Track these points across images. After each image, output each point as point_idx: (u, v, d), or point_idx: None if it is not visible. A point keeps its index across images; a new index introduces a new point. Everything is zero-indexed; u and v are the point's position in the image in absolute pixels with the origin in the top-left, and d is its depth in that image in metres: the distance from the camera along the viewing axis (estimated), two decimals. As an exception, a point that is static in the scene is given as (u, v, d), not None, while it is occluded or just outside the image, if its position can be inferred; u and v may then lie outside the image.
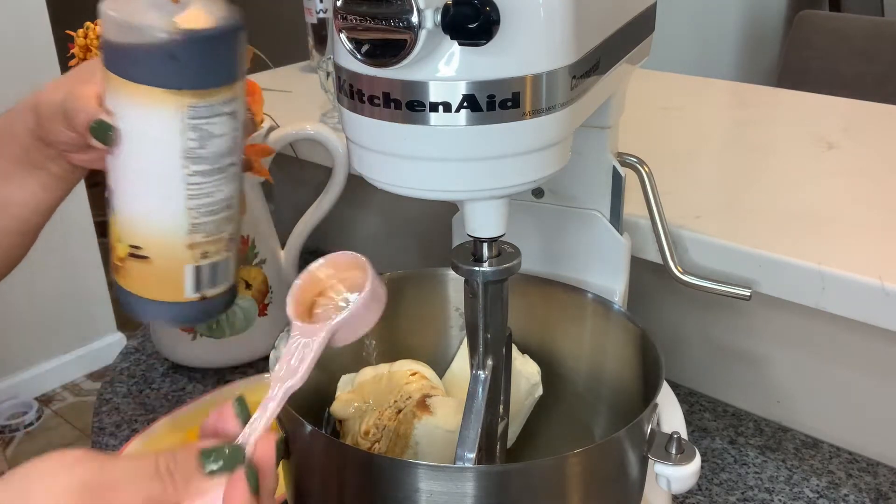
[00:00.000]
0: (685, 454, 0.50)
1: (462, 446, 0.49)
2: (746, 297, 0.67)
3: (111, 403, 0.84)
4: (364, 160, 0.48)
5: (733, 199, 0.82)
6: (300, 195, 1.14)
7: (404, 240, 1.08)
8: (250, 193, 0.83)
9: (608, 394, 0.64)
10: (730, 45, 2.70)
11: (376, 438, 0.60)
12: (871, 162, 0.88)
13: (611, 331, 0.63)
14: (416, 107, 0.43)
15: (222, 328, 0.84)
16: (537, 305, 0.66)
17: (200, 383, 0.86)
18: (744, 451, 0.76)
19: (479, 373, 0.52)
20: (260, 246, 0.85)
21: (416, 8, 0.39)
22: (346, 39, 0.42)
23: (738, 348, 0.80)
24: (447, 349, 0.70)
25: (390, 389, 0.62)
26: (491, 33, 0.40)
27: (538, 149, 0.45)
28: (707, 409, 0.82)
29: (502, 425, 0.58)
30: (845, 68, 1.78)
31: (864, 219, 0.76)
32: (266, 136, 0.84)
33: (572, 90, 0.45)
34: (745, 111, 1.09)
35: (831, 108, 1.08)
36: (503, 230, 0.50)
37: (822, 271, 0.67)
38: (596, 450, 0.51)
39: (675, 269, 0.70)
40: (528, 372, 0.65)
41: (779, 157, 0.92)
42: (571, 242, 0.69)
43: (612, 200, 0.67)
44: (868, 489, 0.71)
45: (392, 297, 0.68)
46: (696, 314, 0.82)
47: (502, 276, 0.51)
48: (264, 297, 0.86)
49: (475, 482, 0.47)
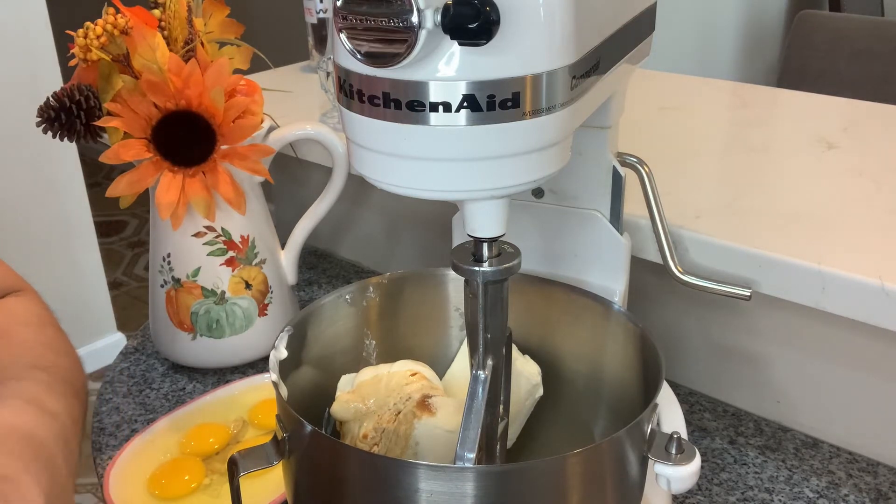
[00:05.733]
0: (685, 454, 0.50)
1: (462, 446, 0.49)
2: (746, 297, 0.67)
3: (111, 403, 0.84)
4: (364, 160, 0.48)
5: (733, 199, 0.82)
6: (300, 195, 1.14)
7: (404, 240, 1.08)
8: (250, 193, 0.83)
9: (608, 394, 0.64)
10: (730, 45, 2.70)
11: (375, 441, 0.60)
12: (871, 162, 0.88)
13: (611, 331, 0.63)
14: (416, 107, 0.43)
15: (222, 328, 0.84)
16: (537, 305, 0.66)
17: (200, 383, 0.86)
18: (744, 451, 0.76)
19: (479, 373, 0.52)
20: (260, 246, 0.85)
21: (416, 8, 0.39)
22: (346, 39, 0.42)
23: (738, 348, 0.80)
24: (447, 349, 0.70)
25: (390, 390, 0.62)
26: (491, 33, 0.40)
27: (538, 149, 0.45)
28: (707, 409, 0.82)
29: (502, 425, 0.58)
30: (845, 68, 1.78)
31: (864, 219, 0.76)
32: (266, 136, 0.84)
33: (572, 90, 0.45)
34: (745, 111, 1.09)
35: (831, 108, 1.08)
36: (503, 230, 0.50)
37: (822, 271, 0.67)
38: (596, 450, 0.51)
39: (675, 269, 0.70)
40: (529, 372, 0.65)
41: (779, 157, 0.92)
42: (571, 242, 0.69)
43: (612, 200, 0.67)
44: (868, 489, 0.71)
45: (392, 297, 0.68)
46: (696, 314, 0.82)
47: (502, 276, 0.51)
48: (264, 297, 0.86)
49: (475, 482, 0.47)
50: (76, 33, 0.74)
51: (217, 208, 0.80)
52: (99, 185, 2.86)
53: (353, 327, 0.67)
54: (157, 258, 0.84)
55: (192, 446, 0.74)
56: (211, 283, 0.83)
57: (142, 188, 0.78)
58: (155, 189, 0.78)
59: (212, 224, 0.81)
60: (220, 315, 0.84)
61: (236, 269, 0.83)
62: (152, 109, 0.75)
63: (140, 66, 0.74)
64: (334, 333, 0.65)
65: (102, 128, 0.77)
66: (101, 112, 0.76)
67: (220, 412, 0.79)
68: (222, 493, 0.69)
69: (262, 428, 0.77)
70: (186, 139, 0.77)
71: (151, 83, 0.74)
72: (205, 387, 0.86)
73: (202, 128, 0.76)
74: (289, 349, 0.59)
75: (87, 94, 0.75)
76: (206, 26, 0.81)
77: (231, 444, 0.75)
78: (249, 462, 0.53)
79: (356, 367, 0.66)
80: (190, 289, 0.83)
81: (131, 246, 3.05)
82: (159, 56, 0.74)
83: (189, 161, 0.78)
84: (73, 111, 0.75)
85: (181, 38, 0.78)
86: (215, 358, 0.86)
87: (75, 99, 0.74)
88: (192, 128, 0.76)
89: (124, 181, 0.77)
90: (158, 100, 0.75)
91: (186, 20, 0.78)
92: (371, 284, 0.67)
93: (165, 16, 0.77)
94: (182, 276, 0.83)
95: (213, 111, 0.76)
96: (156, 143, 0.77)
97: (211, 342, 0.85)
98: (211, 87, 0.75)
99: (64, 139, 0.76)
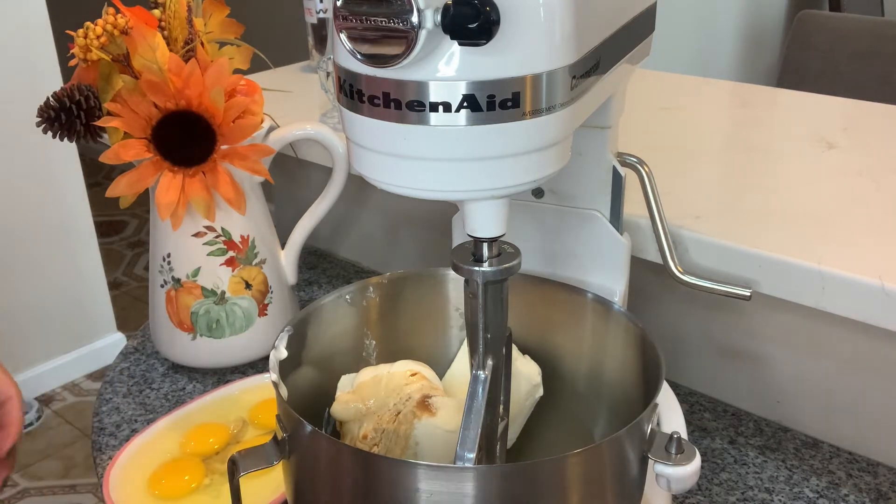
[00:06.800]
0: (685, 454, 0.50)
1: (462, 446, 0.49)
2: (746, 297, 0.67)
3: (111, 403, 0.84)
4: (364, 160, 0.48)
5: (733, 199, 0.82)
6: (300, 195, 1.14)
7: (404, 240, 1.08)
8: (250, 193, 0.83)
9: (608, 394, 0.64)
10: (730, 45, 2.70)
11: (375, 442, 0.60)
12: (871, 162, 0.88)
13: (611, 331, 0.63)
14: (416, 107, 0.43)
15: (222, 328, 0.84)
16: (537, 305, 0.66)
17: (200, 383, 0.86)
18: (744, 451, 0.76)
19: (479, 373, 0.52)
20: (260, 246, 0.85)
21: (416, 8, 0.39)
22: (346, 39, 0.42)
23: (738, 348, 0.80)
24: (447, 349, 0.70)
25: (390, 390, 0.62)
26: (491, 33, 0.40)
27: (538, 149, 0.45)
28: (707, 409, 0.82)
29: (502, 425, 0.58)
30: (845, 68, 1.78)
31: (864, 219, 0.76)
32: (266, 136, 0.84)
33: (572, 90, 0.45)
34: (745, 111, 1.09)
35: (831, 108, 1.08)
36: (503, 230, 0.50)
37: (822, 271, 0.67)
38: (596, 450, 0.51)
39: (675, 269, 0.70)
40: (529, 373, 0.65)
41: (779, 157, 0.92)
42: (571, 242, 0.69)
43: (612, 200, 0.67)
44: (868, 489, 0.71)
45: (392, 297, 0.68)
46: (696, 314, 0.82)
47: (502, 276, 0.51)
48: (264, 297, 0.86)
49: (475, 482, 0.47)
50: (76, 33, 0.74)
51: (217, 208, 0.80)
52: (99, 185, 2.87)
53: (353, 327, 0.67)
54: (157, 258, 0.84)
55: (192, 446, 0.74)
56: (211, 283, 0.83)
57: (142, 188, 0.78)
58: (155, 189, 0.78)
59: (212, 224, 0.81)
60: (220, 315, 0.84)
61: (236, 269, 0.83)
62: (152, 109, 0.75)
63: (140, 66, 0.74)
64: (334, 333, 0.65)
65: (102, 128, 0.77)
66: (101, 112, 0.76)
67: (220, 412, 0.79)
68: (222, 493, 0.69)
69: (262, 428, 0.77)
70: (186, 139, 0.77)
71: (151, 83, 0.74)
72: (205, 387, 0.86)
73: (202, 128, 0.77)
74: (289, 349, 0.59)
75: (87, 94, 0.75)
76: (206, 26, 0.81)
77: (231, 444, 0.75)
78: (249, 462, 0.53)
79: (356, 367, 0.66)
80: (190, 289, 0.83)
81: (131, 246, 3.05)
82: (159, 56, 0.74)
83: (189, 161, 0.78)
84: (73, 111, 0.75)
85: (181, 38, 0.78)
86: (215, 358, 0.86)
87: (75, 99, 0.74)
88: (192, 128, 0.76)
89: (124, 181, 0.77)
90: (158, 100, 0.75)
91: (186, 20, 0.78)
92: (371, 284, 0.67)
93: (165, 16, 0.77)
94: (182, 276, 0.83)
95: (213, 111, 0.76)
96: (156, 143, 0.77)
97: (211, 342, 0.85)
98: (211, 87, 0.75)
99: (64, 139, 0.76)
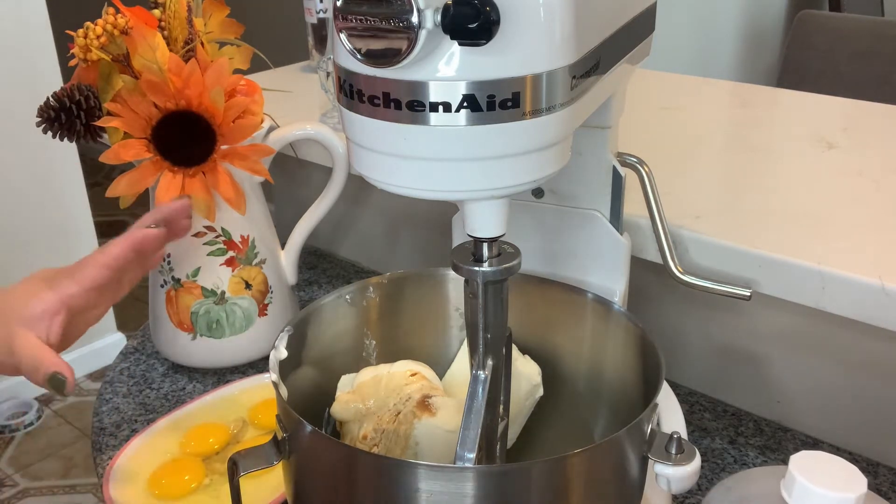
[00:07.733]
0: (685, 454, 0.50)
1: (462, 446, 0.49)
2: (746, 297, 0.67)
3: (111, 403, 0.84)
4: (364, 160, 0.48)
5: (733, 199, 0.82)
6: (300, 195, 1.14)
7: (404, 240, 1.08)
8: (250, 193, 0.83)
9: (608, 394, 0.64)
10: (730, 45, 2.70)
11: (375, 442, 0.60)
12: (871, 162, 0.88)
13: (611, 331, 0.63)
14: (416, 107, 0.43)
15: (222, 328, 0.84)
16: (537, 305, 0.66)
17: (200, 383, 0.86)
18: (744, 451, 0.76)
19: (479, 373, 0.52)
20: (260, 246, 0.85)
21: (416, 8, 0.39)
22: (346, 39, 0.42)
23: (738, 348, 0.80)
24: (447, 349, 0.70)
25: (390, 390, 0.62)
26: (491, 33, 0.40)
27: (538, 149, 0.45)
28: (707, 409, 0.82)
29: (502, 425, 0.58)
30: (845, 68, 1.78)
31: (864, 219, 0.76)
32: (266, 136, 0.84)
33: (572, 90, 0.45)
34: (745, 111, 1.09)
35: (831, 108, 1.08)
36: (503, 230, 0.50)
37: (822, 271, 0.67)
38: (596, 450, 0.51)
39: (675, 269, 0.70)
40: (529, 373, 0.65)
41: (779, 157, 0.92)
42: (571, 242, 0.69)
43: (612, 200, 0.67)
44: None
45: (392, 297, 0.68)
46: (696, 314, 0.82)
47: (502, 276, 0.51)
48: (264, 297, 0.86)
49: (475, 482, 0.47)
50: (76, 33, 0.74)
51: (217, 208, 0.80)
52: (99, 185, 2.86)
53: (353, 327, 0.67)
54: (157, 258, 0.84)
55: (192, 446, 0.74)
56: (211, 283, 0.83)
57: (142, 188, 0.78)
58: (155, 189, 0.78)
59: (212, 224, 0.81)
60: (220, 315, 0.84)
61: (236, 269, 0.83)
62: (152, 109, 0.75)
63: (140, 66, 0.74)
64: (334, 333, 0.65)
65: (102, 128, 0.77)
66: (101, 112, 0.76)
67: (220, 412, 0.79)
68: (222, 493, 0.69)
69: (262, 428, 0.77)
70: (186, 139, 0.77)
71: (151, 83, 0.74)
72: (205, 387, 0.86)
73: (202, 128, 0.76)
74: (289, 349, 0.59)
75: (87, 94, 0.75)
76: (206, 26, 0.81)
77: (231, 444, 0.75)
78: (249, 462, 0.53)
79: (356, 367, 0.66)
80: (190, 289, 0.83)
81: (131, 246, 3.05)
82: (159, 56, 0.74)
83: (189, 161, 0.78)
84: (73, 111, 0.75)
85: (181, 38, 0.78)
86: (215, 358, 0.86)
87: (75, 99, 0.74)
88: (192, 128, 0.76)
89: (124, 181, 0.77)
90: (158, 100, 0.75)
91: (186, 20, 0.78)
92: (371, 284, 0.67)
93: (165, 16, 0.77)
94: (182, 276, 0.83)
95: (213, 111, 0.76)
96: (156, 143, 0.76)
97: (211, 342, 0.85)
98: (211, 87, 0.75)
99: (64, 139, 0.76)
